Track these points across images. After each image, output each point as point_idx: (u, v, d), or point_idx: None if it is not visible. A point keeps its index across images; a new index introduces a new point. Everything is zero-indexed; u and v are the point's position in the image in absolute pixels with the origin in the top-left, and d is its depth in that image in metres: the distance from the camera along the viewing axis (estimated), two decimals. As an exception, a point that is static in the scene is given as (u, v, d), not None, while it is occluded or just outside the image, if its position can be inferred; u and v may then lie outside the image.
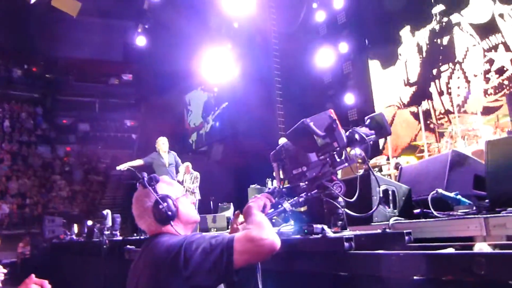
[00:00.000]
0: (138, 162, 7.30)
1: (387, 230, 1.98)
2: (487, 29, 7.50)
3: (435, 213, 2.45)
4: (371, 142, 2.10)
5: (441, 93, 8.45)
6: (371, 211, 2.34)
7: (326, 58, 12.76)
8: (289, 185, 2.18)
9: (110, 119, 24.92)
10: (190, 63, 17.25)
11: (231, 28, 13.94)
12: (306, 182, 2.10)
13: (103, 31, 21.21)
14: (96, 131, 24.36)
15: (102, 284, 4.80)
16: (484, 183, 2.57)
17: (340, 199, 2.08)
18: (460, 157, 2.78)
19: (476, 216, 2.13)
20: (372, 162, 7.21)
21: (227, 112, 18.33)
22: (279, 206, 1.85)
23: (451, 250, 1.61)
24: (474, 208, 2.42)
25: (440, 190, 2.53)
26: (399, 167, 4.84)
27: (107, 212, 6.06)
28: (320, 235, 1.94)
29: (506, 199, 2.16)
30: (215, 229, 5.99)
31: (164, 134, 8.07)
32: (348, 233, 2.00)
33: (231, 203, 8.68)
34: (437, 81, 8.55)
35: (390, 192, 2.76)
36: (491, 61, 7.47)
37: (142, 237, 4.63)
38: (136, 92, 24.95)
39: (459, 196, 2.52)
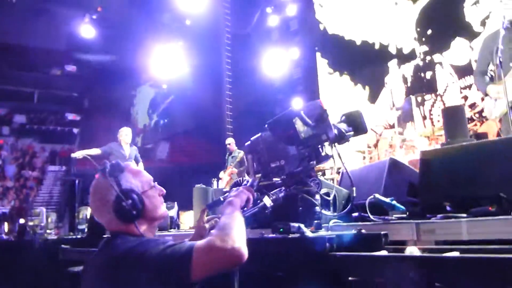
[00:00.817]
0: (95, 151, 6.80)
1: (362, 231, 1.90)
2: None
3: (371, 217, 2.56)
4: (349, 139, 2.01)
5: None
6: (345, 210, 2.36)
7: (277, 62, 12.96)
8: (263, 179, 1.99)
9: (49, 112, 23.61)
10: (139, 58, 16.79)
11: (183, 25, 13.73)
12: (283, 177, 1.95)
13: (47, 17, 20.06)
14: (34, 124, 22.97)
15: (34, 286, 4.53)
16: (417, 190, 2.72)
17: (317, 196, 1.97)
18: (396, 165, 2.92)
19: (408, 221, 2.25)
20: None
21: (174, 109, 18.04)
22: (258, 201, 1.71)
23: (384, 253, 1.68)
24: (407, 213, 2.55)
25: (377, 195, 2.65)
26: (341, 171, 5.02)
27: (41, 209, 5.73)
28: (297, 235, 1.82)
29: (436, 206, 2.30)
30: (157, 229, 5.88)
31: (109, 130, 7.78)
32: (327, 233, 1.92)
33: (175, 203, 8.54)
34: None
35: (331, 196, 2.85)
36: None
37: (79, 237, 4.43)
38: (80, 84, 23.83)
39: (394, 202, 2.65)
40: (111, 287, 1.28)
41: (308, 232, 1.83)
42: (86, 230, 5.30)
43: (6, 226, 8.13)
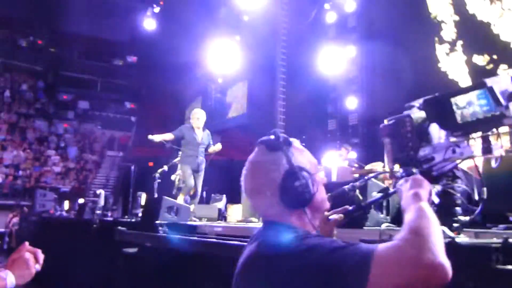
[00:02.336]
0: (169, 136, 6.30)
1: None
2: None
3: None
4: None
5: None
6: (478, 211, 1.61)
7: (333, 59, 12.74)
8: (402, 169, 1.53)
9: (110, 99, 24.84)
10: (197, 52, 17.19)
11: (240, 21, 13.89)
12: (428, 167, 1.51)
13: (112, 10, 21.09)
14: (96, 110, 24.29)
15: (89, 263, 4.82)
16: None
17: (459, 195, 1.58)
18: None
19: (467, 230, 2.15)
20: (367, 167, 7.23)
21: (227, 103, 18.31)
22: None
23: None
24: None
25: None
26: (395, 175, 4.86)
27: (100, 191, 6.06)
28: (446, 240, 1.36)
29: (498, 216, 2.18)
30: (206, 219, 6.03)
31: (163, 121, 7.86)
32: (488, 240, 1.54)
33: (224, 195, 8.70)
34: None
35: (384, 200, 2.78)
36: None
37: (133, 220, 4.64)
38: (139, 75, 24.85)
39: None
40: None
41: (461, 238, 1.49)
42: (140, 214, 5.54)
43: (66, 204, 8.68)
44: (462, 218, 1.70)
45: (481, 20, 7.77)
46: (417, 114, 1.58)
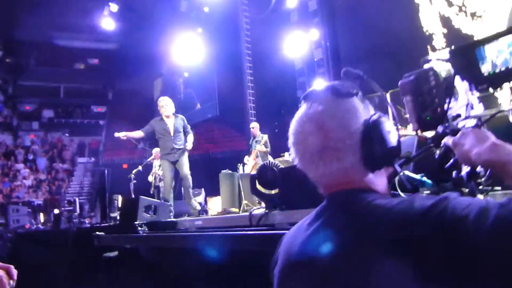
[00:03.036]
0: (138, 133, 6.01)
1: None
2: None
3: (402, 194, 2.53)
4: None
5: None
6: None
7: (297, 44, 12.80)
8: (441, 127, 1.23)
9: (76, 105, 24.17)
10: (160, 47, 16.91)
11: (201, 12, 13.72)
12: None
13: (67, 13, 20.39)
14: (61, 118, 23.59)
15: (71, 273, 4.71)
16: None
17: None
18: (425, 142, 2.86)
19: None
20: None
21: (196, 97, 18.15)
22: None
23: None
24: (438, 190, 2.50)
25: (406, 172, 2.61)
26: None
27: (74, 199, 5.91)
28: None
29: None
30: (186, 214, 5.99)
31: (135, 121, 7.66)
32: None
33: (202, 189, 8.70)
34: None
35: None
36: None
37: (111, 224, 4.56)
38: (103, 77, 24.24)
39: (424, 178, 2.60)
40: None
41: None
42: (118, 217, 5.44)
43: (41, 217, 8.44)
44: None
45: (465, 33, 8.25)
46: (441, 66, 1.46)
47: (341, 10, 12.00)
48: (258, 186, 3.58)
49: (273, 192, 3.55)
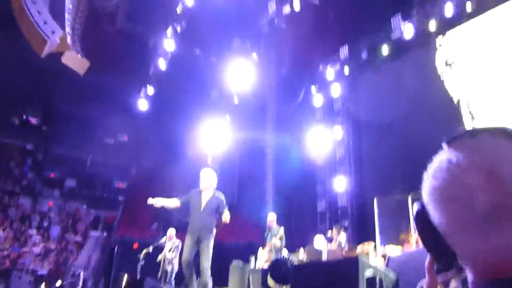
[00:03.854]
0: (174, 202, 5.42)
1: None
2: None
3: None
4: None
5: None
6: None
7: (320, 141, 13.07)
8: None
9: (98, 178, 24.62)
10: (187, 133, 17.55)
11: (230, 101, 14.44)
12: None
13: (106, 90, 21.80)
14: (83, 188, 23.94)
15: None
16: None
17: None
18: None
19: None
20: (359, 248, 7.06)
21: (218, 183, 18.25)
22: None
23: None
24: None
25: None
26: (386, 256, 4.73)
27: (79, 272, 5.73)
28: None
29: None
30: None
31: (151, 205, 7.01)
32: None
33: (211, 278, 8.33)
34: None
35: (377, 280, 2.67)
36: None
37: (112, 304, 4.33)
38: (129, 153, 24.98)
39: (448, 291, 2.43)
40: None
41: None
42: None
43: (43, 287, 8.17)
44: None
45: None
46: None
47: (364, 112, 12.41)
48: (270, 281, 3.41)
49: (284, 288, 3.37)
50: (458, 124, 9.00)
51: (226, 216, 5.30)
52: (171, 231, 8.56)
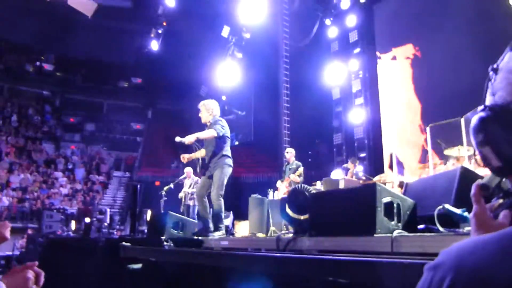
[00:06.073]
0: (202, 152, 5.21)
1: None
2: None
3: (440, 228, 2.38)
4: None
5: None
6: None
7: (336, 74, 12.78)
8: None
9: (116, 121, 25.02)
10: (199, 71, 17.36)
11: (242, 38, 14.04)
12: None
13: (115, 33, 21.45)
14: (102, 132, 24.45)
15: (95, 281, 4.73)
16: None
17: None
18: (469, 174, 2.72)
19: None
20: (375, 179, 7.14)
21: (232, 120, 18.36)
22: None
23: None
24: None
25: (446, 206, 2.46)
26: (404, 183, 4.77)
27: (106, 209, 6.01)
28: None
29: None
30: (213, 235, 5.93)
31: (169, 141, 7.42)
32: None
33: (231, 212, 8.64)
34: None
35: (395, 205, 2.71)
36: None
37: (139, 236, 4.58)
38: (145, 96, 25.10)
39: (466, 213, 2.45)
40: None
41: None
42: (146, 231, 5.46)
43: (73, 225, 8.63)
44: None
45: None
46: None
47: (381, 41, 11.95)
48: (288, 210, 3.49)
49: (302, 217, 3.46)
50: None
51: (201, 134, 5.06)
52: (188, 169, 8.79)
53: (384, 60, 11.70)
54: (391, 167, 7.29)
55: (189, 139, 4.79)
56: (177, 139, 4.88)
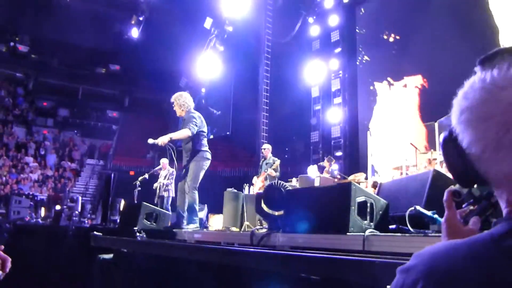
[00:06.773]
0: (186, 132, 4.95)
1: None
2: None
3: (411, 229, 2.45)
4: None
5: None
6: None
7: (316, 72, 12.89)
8: None
9: (91, 108, 24.47)
10: (179, 62, 17.15)
11: (225, 31, 13.95)
12: None
13: (95, 18, 20.90)
14: (76, 118, 23.86)
15: (64, 270, 4.64)
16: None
17: None
18: (441, 177, 2.79)
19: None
20: (350, 178, 7.26)
21: (210, 114, 18.25)
22: None
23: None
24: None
25: (418, 207, 2.53)
26: (377, 184, 4.87)
27: (77, 197, 5.89)
28: None
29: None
30: (188, 228, 5.90)
31: (146, 131, 7.46)
32: None
33: (205, 205, 8.63)
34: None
35: (368, 205, 2.76)
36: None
37: (110, 226, 4.51)
38: (122, 83, 24.60)
39: (436, 216, 2.52)
40: None
41: None
42: (118, 221, 5.38)
43: (42, 212, 8.42)
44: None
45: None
46: None
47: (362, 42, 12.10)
48: (263, 206, 3.51)
49: (277, 213, 3.48)
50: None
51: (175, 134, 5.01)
52: (163, 160, 8.71)
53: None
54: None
55: (162, 140, 4.68)
56: (150, 140, 4.77)
